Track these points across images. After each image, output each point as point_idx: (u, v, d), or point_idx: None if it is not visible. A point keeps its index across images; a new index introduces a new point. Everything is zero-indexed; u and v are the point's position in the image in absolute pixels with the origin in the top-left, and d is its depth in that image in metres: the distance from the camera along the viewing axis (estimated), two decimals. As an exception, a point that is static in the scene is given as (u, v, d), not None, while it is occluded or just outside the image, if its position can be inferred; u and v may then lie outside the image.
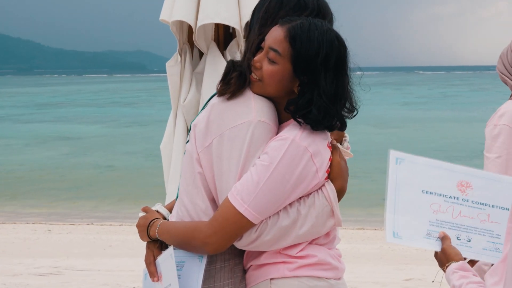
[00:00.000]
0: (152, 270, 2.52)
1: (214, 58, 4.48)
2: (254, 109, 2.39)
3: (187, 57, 4.63)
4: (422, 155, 2.48)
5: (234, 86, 2.41)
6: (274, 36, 2.38)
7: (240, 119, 2.37)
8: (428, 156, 2.49)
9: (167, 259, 2.47)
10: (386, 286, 7.51)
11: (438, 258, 2.35)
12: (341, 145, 2.67)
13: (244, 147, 2.35)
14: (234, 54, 4.48)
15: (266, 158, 2.33)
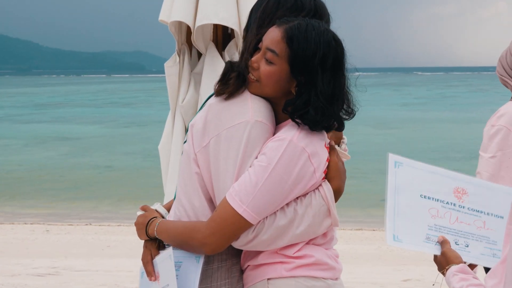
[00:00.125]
0: (149, 270, 2.53)
1: (212, 58, 4.48)
2: (251, 109, 2.39)
3: (186, 57, 4.63)
4: (420, 156, 2.48)
5: (232, 86, 2.42)
6: (271, 36, 2.39)
7: (237, 119, 2.38)
8: (426, 156, 2.50)
9: (166, 260, 2.47)
10: (384, 287, 7.51)
11: (438, 261, 2.35)
12: (338, 147, 2.67)
13: (241, 147, 2.35)
14: (232, 54, 4.48)
15: (264, 159, 2.33)
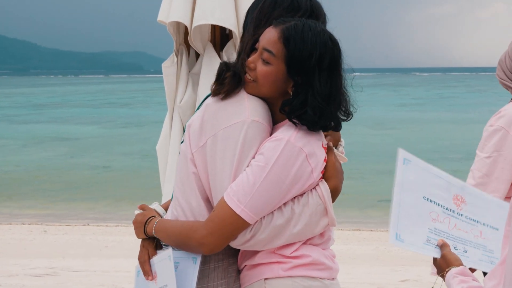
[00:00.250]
0: (146, 269, 2.53)
1: (210, 59, 4.48)
2: (248, 108, 2.39)
3: (184, 58, 4.63)
4: (419, 156, 2.47)
5: (228, 86, 2.43)
6: (268, 37, 2.40)
7: (233, 119, 2.38)
8: (425, 157, 2.48)
9: (164, 260, 2.47)
10: (382, 287, 7.51)
11: (437, 264, 2.34)
12: (336, 149, 2.67)
13: (237, 147, 2.36)
14: (230, 55, 4.48)
15: (261, 159, 2.33)
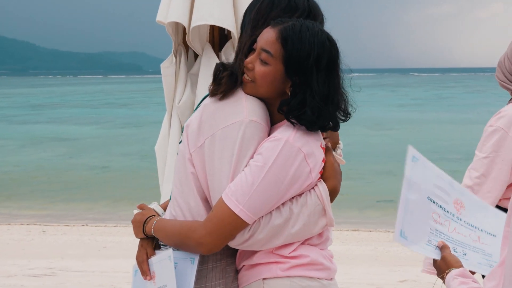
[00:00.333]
0: (145, 269, 2.53)
1: (209, 59, 4.48)
2: (246, 108, 2.40)
3: (182, 58, 4.63)
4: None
5: (225, 85, 2.44)
6: (266, 37, 2.40)
7: (231, 119, 2.39)
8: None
9: (164, 261, 2.46)
10: (380, 288, 7.52)
11: (437, 266, 2.34)
12: (334, 151, 2.67)
13: (235, 147, 2.36)
14: (229, 55, 4.48)
15: (260, 159, 2.34)
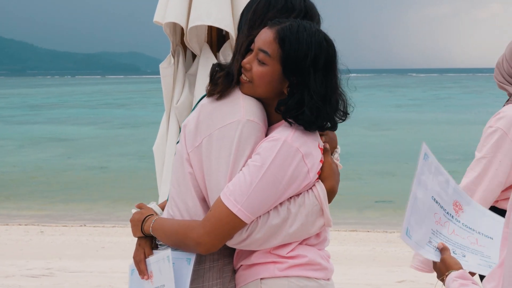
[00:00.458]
0: (142, 268, 2.54)
1: (207, 60, 4.48)
2: (243, 108, 2.41)
3: (180, 58, 4.63)
4: (415, 157, 2.47)
5: (221, 85, 2.45)
6: (263, 37, 2.41)
7: (229, 119, 2.40)
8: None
9: (163, 260, 2.46)
10: (378, 288, 7.52)
11: (437, 268, 2.35)
12: (331, 156, 2.67)
13: (233, 146, 2.37)
14: (227, 56, 4.47)
15: (258, 159, 2.34)
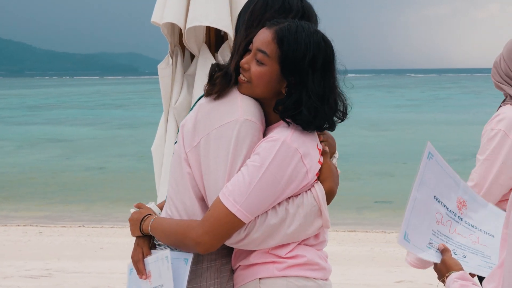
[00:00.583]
0: (140, 268, 2.54)
1: (205, 60, 4.48)
2: (241, 108, 2.41)
3: (179, 59, 4.62)
4: (414, 157, 2.46)
5: (219, 85, 2.45)
6: (262, 38, 2.42)
7: (226, 118, 2.40)
8: (420, 158, 2.46)
9: (161, 260, 2.47)
10: (377, 288, 7.52)
11: (437, 269, 2.34)
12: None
13: (231, 146, 2.38)
14: (225, 56, 4.47)
15: (257, 159, 2.35)
